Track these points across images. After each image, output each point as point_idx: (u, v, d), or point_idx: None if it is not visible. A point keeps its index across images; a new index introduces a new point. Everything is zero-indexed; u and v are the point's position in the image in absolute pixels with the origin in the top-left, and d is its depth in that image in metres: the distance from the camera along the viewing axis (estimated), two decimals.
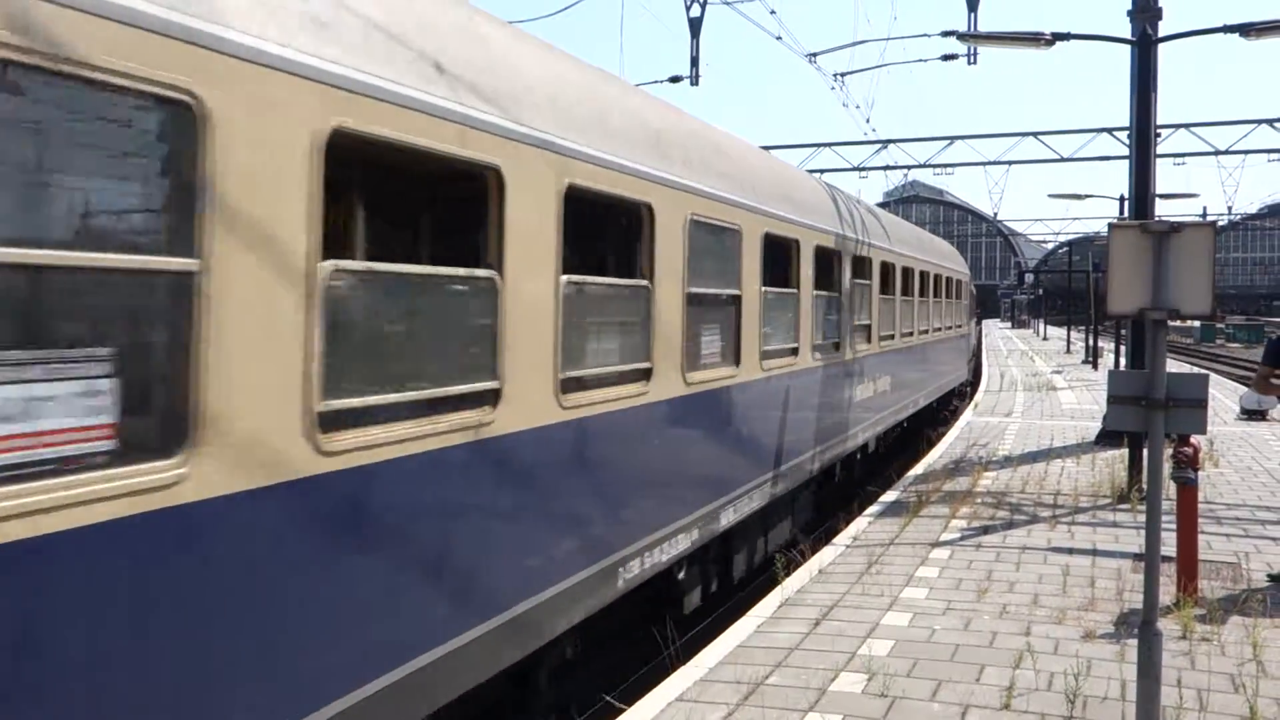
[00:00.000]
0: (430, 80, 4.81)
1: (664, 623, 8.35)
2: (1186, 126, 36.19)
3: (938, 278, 21.42)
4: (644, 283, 7.20)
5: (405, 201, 6.44)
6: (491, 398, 5.33)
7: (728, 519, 8.86)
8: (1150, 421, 5.77)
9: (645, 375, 7.21)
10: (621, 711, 6.54)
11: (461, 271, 5.27)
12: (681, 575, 8.33)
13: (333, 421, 4.22)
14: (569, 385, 6.14)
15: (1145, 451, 6.25)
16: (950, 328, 23.76)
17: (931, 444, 19.10)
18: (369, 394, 4.53)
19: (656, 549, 7.41)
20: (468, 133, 5.03)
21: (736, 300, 9.00)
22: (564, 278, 5.99)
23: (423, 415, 4.82)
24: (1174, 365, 34.54)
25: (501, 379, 5.39)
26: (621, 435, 6.90)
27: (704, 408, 8.36)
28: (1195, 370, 31.30)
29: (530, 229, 5.61)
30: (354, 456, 4.35)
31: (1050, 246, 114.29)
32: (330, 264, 4.17)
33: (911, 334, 18.06)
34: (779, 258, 10.40)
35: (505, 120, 5.37)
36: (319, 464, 4.15)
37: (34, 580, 3.10)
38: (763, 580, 10.39)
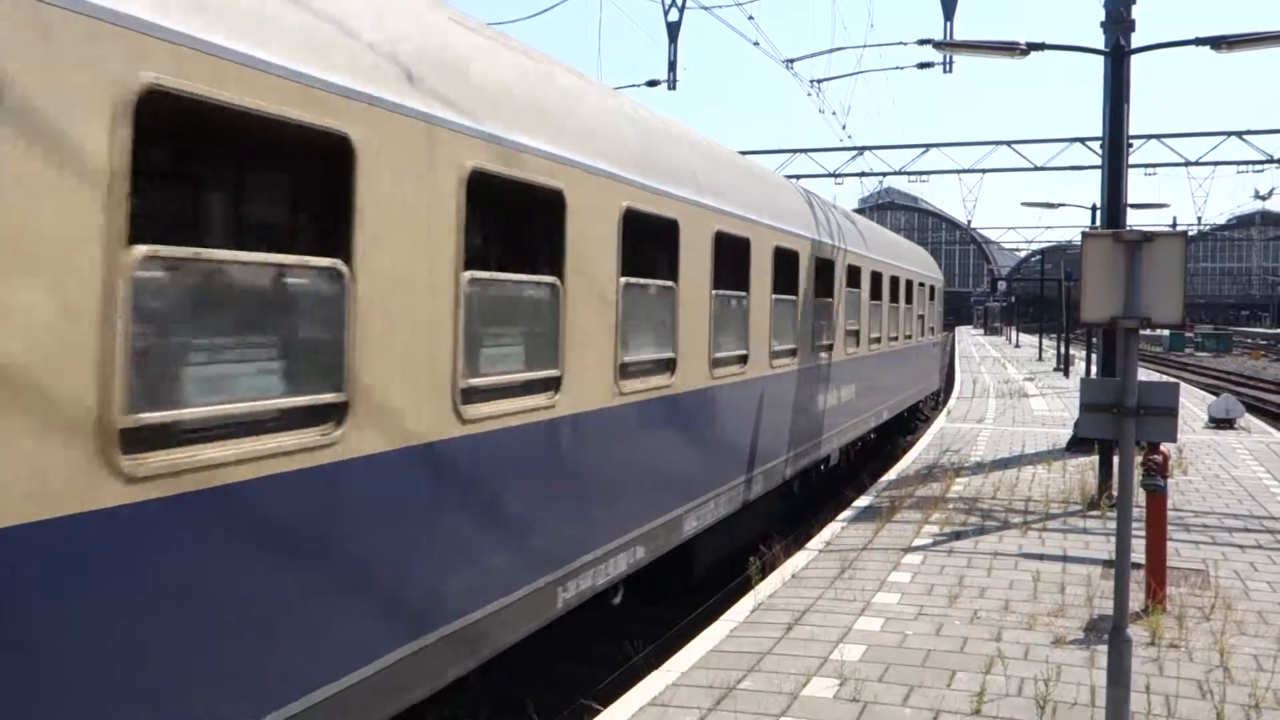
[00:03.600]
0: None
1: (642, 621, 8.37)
2: (1158, 137, 36.64)
3: (909, 282, 20.70)
4: (554, 279, 6.49)
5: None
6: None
7: (626, 561, 7.59)
8: (1122, 429, 5.82)
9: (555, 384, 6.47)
10: (598, 713, 6.52)
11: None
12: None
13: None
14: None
15: (1116, 459, 6.30)
16: (922, 334, 23.11)
17: (897, 457, 18.58)
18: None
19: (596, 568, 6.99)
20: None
21: (673, 299, 8.14)
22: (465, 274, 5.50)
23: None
24: (1143, 374, 34.88)
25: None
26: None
27: (638, 420, 7.61)
28: (1165, 379, 31.64)
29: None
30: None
31: (1023, 254, 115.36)
32: (142, 248, 3.58)
33: (880, 340, 17.42)
34: (731, 257, 9.65)
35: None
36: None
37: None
38: (736, 584, 10.40)
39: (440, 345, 5.19)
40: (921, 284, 22.55)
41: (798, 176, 38.24)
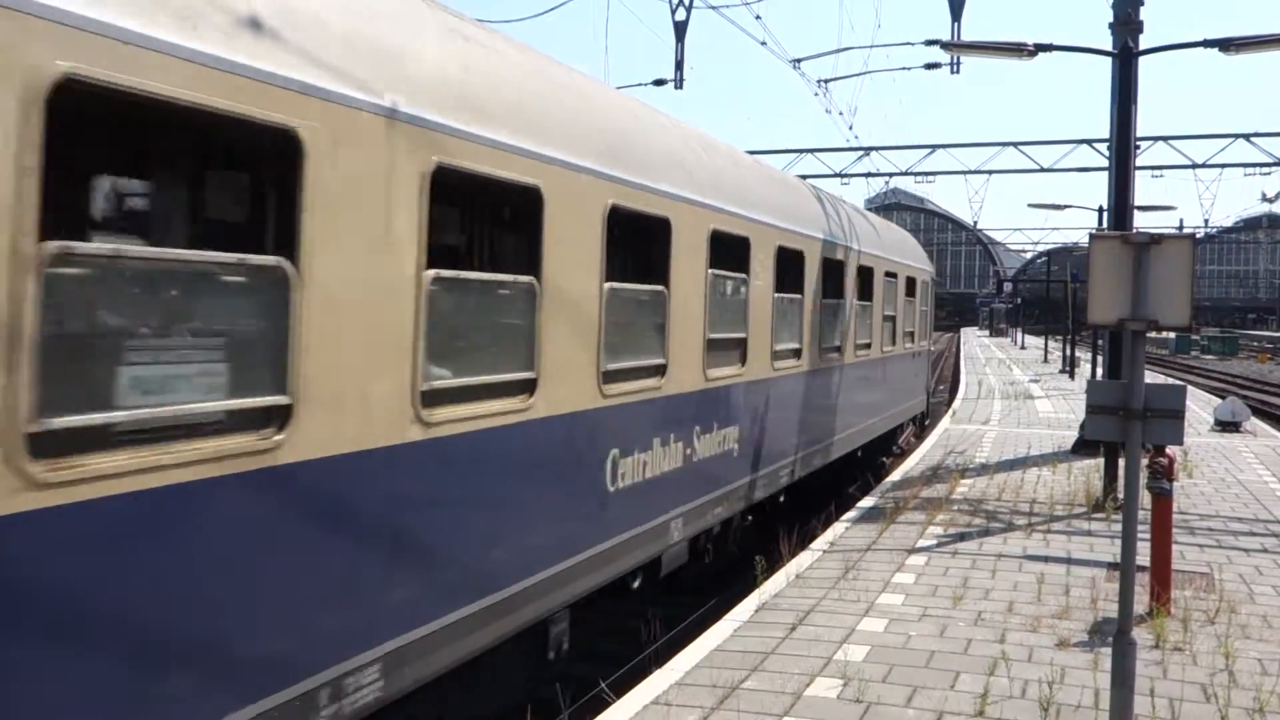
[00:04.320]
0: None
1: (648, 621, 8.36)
2: (1165, 139, 36.53)
3: (890, 274, 16.42)
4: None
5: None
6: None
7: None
8: (1128, 431, 5.81)
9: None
10: (600, 711, 6.52)
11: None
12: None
13: None
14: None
15: (1121, 461, 6.29)
16: (903, 340, 17.99)
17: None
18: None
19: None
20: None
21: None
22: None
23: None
24: (1149, 376, 34.76)
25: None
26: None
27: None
28: (1171, 381, 31.60)
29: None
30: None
31: (1029, 256, 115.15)
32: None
33: (839, 351, 13.48)
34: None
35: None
36: None
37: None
38: (740, 585, 10.39)
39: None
40: (904, 275, 17.70)
41: (804, 176, 38.14)
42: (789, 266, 11.16)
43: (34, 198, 3.30)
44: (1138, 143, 15.52)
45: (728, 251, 9.32)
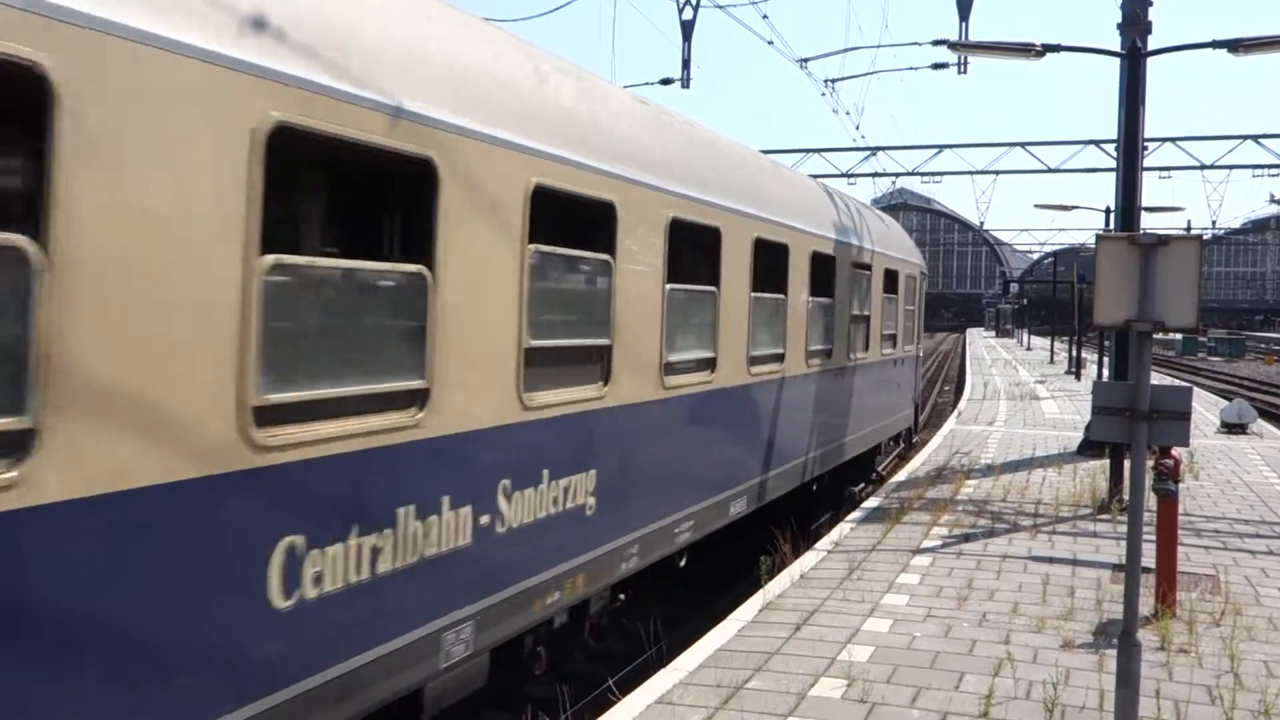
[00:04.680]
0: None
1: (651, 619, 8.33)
2: (1173, 140, 36.47)
3: (861, 266, 13.57)
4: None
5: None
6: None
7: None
8: (1134, 433, 5.79)
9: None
10: (604, 710, 6.52)
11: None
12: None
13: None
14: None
15: (1127, 462, 6.28)
16: (881, 344, 15.11)
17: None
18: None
19: None
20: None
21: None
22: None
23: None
24: (1155, 378, 34.67)
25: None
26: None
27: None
28: (1177, 383, 31.53)
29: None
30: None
31: (1036, 256, 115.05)
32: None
33: (779, 360, 10.58)
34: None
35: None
36: None
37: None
38: (746, 583, 10.39)
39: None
40: (882, 268, 14.79)
41: (812, 177, 38.16)
42: (698, 249, 8.69)
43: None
44: (1145, 144, 15.51)
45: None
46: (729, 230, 8.98)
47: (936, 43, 21.97)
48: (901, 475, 15.77)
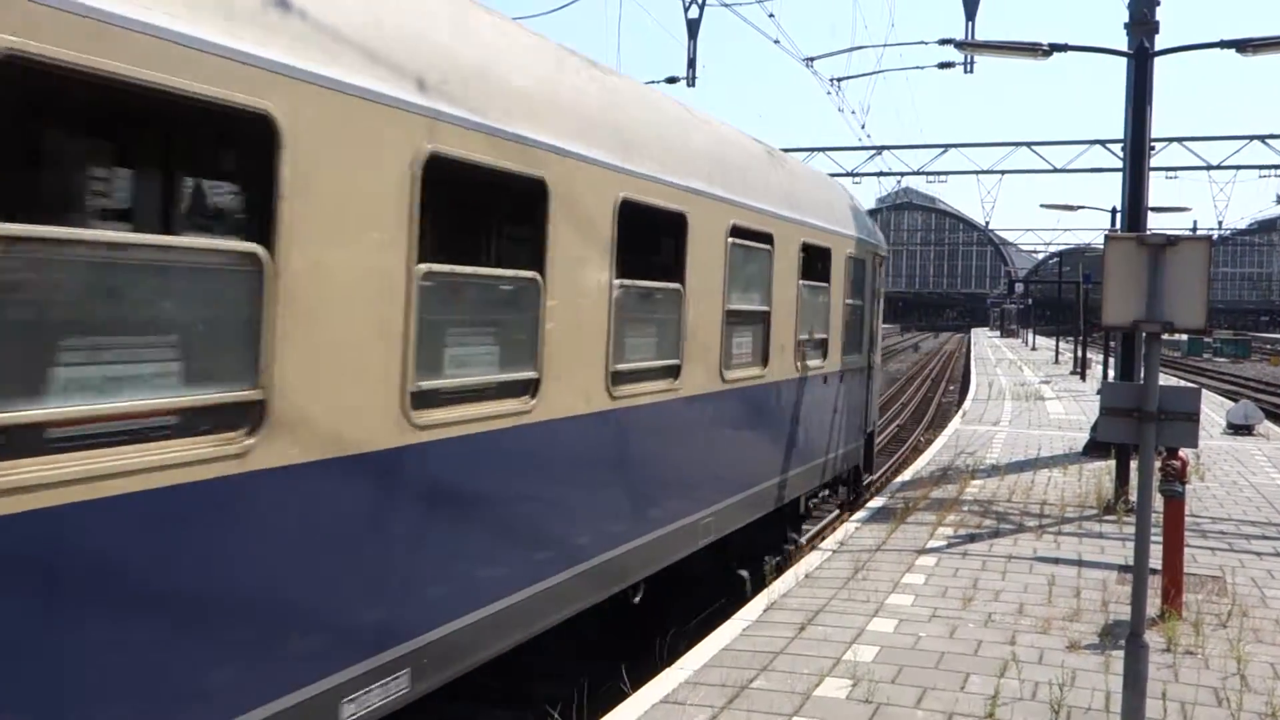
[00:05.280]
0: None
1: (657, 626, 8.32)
2: (1180, 140, 36.39)
3: (761, 236, 9.26)
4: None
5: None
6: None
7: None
8: (1142, 434, 5.78)
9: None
10: (610, 709, 6.52)
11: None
12: None
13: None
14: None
15: (1134, 463, 6.26)
16: (801, 355, 10.52)
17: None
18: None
19: None
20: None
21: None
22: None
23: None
24: (1161, 379, 34.57)
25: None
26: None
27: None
28: (1183, 384, 31.47)
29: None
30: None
31: (1041, 256, 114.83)
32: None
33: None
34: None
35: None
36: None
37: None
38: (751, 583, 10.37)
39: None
40: (801, 242, 10.29)
41: None
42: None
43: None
44: (1152, 144, 15.45)
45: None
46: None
47: (943, 42, 21.98)
48: (906, 475, 15.75)
